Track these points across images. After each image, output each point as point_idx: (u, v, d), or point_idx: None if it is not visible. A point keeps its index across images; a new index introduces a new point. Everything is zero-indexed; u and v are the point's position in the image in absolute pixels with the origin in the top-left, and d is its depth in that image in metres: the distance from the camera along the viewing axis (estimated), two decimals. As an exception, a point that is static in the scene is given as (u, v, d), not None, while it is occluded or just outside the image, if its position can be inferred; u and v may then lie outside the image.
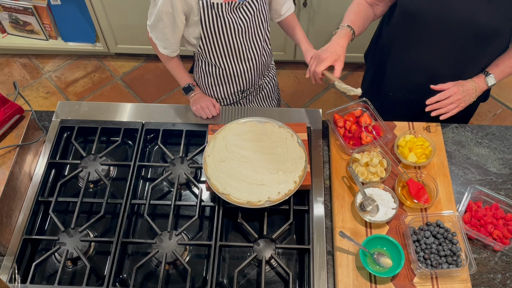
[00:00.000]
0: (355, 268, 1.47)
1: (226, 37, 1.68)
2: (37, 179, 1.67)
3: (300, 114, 1.85)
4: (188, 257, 1.56)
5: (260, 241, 1.53)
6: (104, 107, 1.88)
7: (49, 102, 3.28)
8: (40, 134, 1.76)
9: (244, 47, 1.75)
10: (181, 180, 1.68)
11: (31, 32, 3.37)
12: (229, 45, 1.72)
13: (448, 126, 1.83)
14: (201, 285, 1.51)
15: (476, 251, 1.53)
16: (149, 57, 3.52)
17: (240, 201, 1.51)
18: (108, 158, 1.77)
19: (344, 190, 1.64)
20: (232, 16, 1.63)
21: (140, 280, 1.52)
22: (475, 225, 1.56)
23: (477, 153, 1.76)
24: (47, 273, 1.54)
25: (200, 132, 1.77)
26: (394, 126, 1.80)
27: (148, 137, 1.80)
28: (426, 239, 1.49)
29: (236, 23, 1.65)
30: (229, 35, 1.68)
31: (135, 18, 3.09)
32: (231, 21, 1.63)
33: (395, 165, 1.66)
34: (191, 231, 1.62)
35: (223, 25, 1.63)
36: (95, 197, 1.70)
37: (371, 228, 1.55)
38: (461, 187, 1.67)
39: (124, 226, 1.55)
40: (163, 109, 1.88)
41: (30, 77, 3.43)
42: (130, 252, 1.58)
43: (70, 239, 1.54)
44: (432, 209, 1.59)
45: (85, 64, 3.51)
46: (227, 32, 1.66)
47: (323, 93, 3.31)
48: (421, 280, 1.45)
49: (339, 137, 1.71)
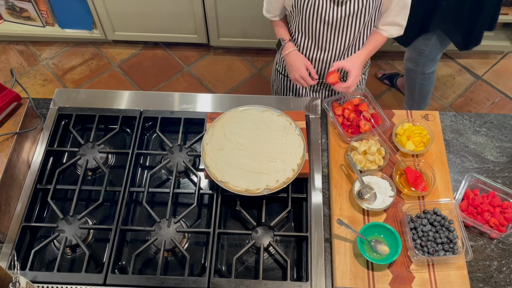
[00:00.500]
0: (353, 255, 1.49)
1: (311, 21, 1.65)
2: (35, 166, 1.67)
3: (299, 102, 1.85)
4: (186, 245, 1.57)
5: (259, 229, 1.54)
6: (102, 95, 1.87)
7: (46, 89, 3.27)
8: (38, 122, 1.76)
9: (329, 37, 1.70)
10: (179, 168, 1.68)
11: (28, 19, 3.35)
12: (313, 29, 1.68)
13: (446, 115, 1.83)
14: (199, 272, 1.52)
15: (472, 239, 1.54)
16: (147, 45, 3.50)
17: (239, 189, 1.52)
18: (106, 146, 1.77)
19: (342, 178, 1.64)
20: (327, 5, 1.58)
21: (139, 267, 1.53)
22: (472, 213, 1.56)
23: (475, 141, 1.76)
24: (46, 260, 1.55)
25: (199, 120, 1.77)
26: (393, 114, 1.80)
27: (146, 124, 1.80)
28: (423, 227, 1.50)
29: (327, 13, 1.60)
30: (315, 20, 1.64)
31: (133, 5, 3.07)
32: (324, 8, 1.59)
33: (393, 153, 1.66)
34: (189, 218, 1.63)
35: (313, 8, 1.60)
36: (93, 184, 1.71)
37: (368, 216, 1.56)
38: (458, 175, 1.68)
39: (123, 214, 1.56)
40: (161, 97, 1.87)
41: (27, 64, 3.41)
42: (129, 239, 1.59)
43: (69, 227, 1.55)
44: (429, 197, 1.60)
45: (82, 51, 3.48)
46: (315, 16, 1.62)
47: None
48: (417, 267, 1.46)
49: (337, 126, 1.71)
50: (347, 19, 1.63)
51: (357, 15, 1.62)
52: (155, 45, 3.50)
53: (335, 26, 1.65)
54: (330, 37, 1.70)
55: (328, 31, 1.68)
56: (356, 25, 1.66)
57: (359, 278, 1.44)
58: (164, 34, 3.30)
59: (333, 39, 1.71)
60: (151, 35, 3.34)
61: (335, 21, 1.63)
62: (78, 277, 1.44)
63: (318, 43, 1.74)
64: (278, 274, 1.52)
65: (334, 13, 1.60)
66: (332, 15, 1.61)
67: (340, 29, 1.66)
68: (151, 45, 3.50)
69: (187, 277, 1.43)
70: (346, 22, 1.64)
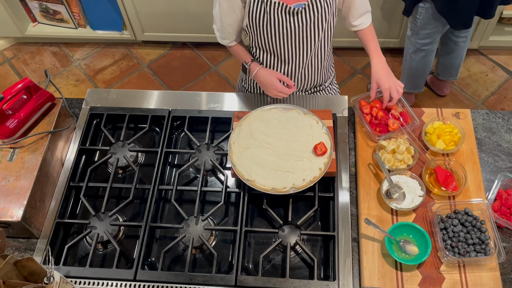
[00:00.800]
0: (381, 255, 1.47)
1: (270, 36, 1.62)
2: (69, 164, 1.72)
3: (326, 100, 1.84)
4: (214, 242, 1.59)
5: (285, 227, 1.54)
6: (132, 95, 1.91)
7: (78, 89, 3.35)
8: (71, 121, 1.81)
9: (289, 49, 1.67)
10: (207, 167, 1.70)
11: (61, 21, 3.44)
12: (272, 44, 1.66)
13: (478, 113, 1.78)
14: (227, 269, 1.53)
15: (505, 240, 1.50)
16: (175, 45, 3.54)
17: (265, 188, 1.52)
18: (136, 145, 1.80)
19: (370, 177, 1.62)
20: (283, 18, 1.56)
21: (168, 263, 1.56)
22: (505, 213, 1.52)
23: (508, 140, 1.71)
24: (79, 255, 1.60)
25: (226, 119, 1.78)
26: (422, 113, 1.77)
27: (175, 124, 1.83)
28: (454, 227, 1.47)
29: (284, 25, 1.58)
30: (273, 35, 1.62)
31: (162, 6, 3.11)
32: (279, 21, 1.56)
33: (422, 152, 1.63)
34: (217, 216, 1.64)
35: (270, 23, 1.57)
36: (124, 182, 1.74)
37: (397, 216, 1.54)
38: (491, 175, 1.63)
39: (152, 211, 1.59)
40: (189, 96, 1.90)
41: (60, 65, 3.50)
42: (158, 236, 1.62)
43: (101, 223, 1.59)
44: (460, 197, 1.56)
45: (113, 52, 3.56)
46: (272, 31, 1.60)
47: (349, 79, 3.27)
48: (448, 268, 1.44)
49: (365, 124, 1.69)
50: (304, 28, 1.59)
51: (314, 24, 1.59)
52: (183, 45, 3.54)
53: (294, 37, 1.62)
54: (291, 48, 1.67)
55: (288, 43, 1.64)
56: (315, 34, 1.63)
57: (387, 278, 1.43)
58: (191, 34, 3.33)
59: (294, 50, 1.67)
60: (179, 35, 3.38)
61: (292, 32, 1.59)
62: (109, 273, 1.47)
63: (280, 57, 1.71)
64: (305, 273, 1.52)
65: (289, 24, 1.57)
66: (288, 26, 1.57)
67: (299, 39, 1.63)
68: (179, 45, 3.54)
69: (215, 274, 1.45)
70: (304, 32, 1.61)
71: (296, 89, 1.86)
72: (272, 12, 1.53)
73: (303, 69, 1.77)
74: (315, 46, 1.68)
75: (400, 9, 2.92)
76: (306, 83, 1.84)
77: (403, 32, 3.10)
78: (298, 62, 1.73)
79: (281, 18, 1.55)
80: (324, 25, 1.62)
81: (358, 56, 3.34)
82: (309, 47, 1.67)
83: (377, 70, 1.69)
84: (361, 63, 3.33)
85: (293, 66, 1.75)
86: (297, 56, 1.70)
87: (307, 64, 1.75)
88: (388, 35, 3.14)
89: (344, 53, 3.36)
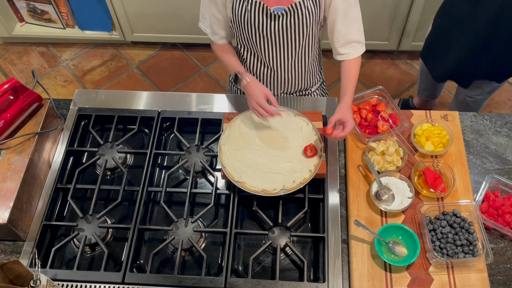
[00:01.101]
0: (370, 256, 1.47)
1: (251, 35, 1.61)
2: (56, 166, 1.70)
3: (316, 102, 1.84)
4: (203, 244, 1.58)
5: (275, 229, 1.54)
6: (121, 95, 1.90)
7: (66, 90, 3.32)
8: (58, 122, 1.79)
9: (271, 52, 1.67)
10: (196, 168, 1.69)
11: (49, 21, 3.40)
12: (254, 43, 1.65)
13: (466, 115, 1.80)
14: (216, 271, 1.53)
15: (493, 241, 1.52)
16: (165, 46, 3.53)
17: (255, 189, 1.52)
18: (125, 146, 1.79)
19: (359, 179, 1.63)
20: (263, 19, 1.55)
21: (157, 266, 1.55)
22: (493, 215, 1.54)
23: (496, 142, 1.73)
24: (66, 258, 1.58)
25: (216, 120, 1.78)
26: (411, 115, 1.78)
27: (164, 125, 1.82)
28: (442, 229, 1.48)
29: (264, 27, 1.57)
30: (254, 34, 1.61)
31: (151, 6, 3.10)
32: (260, 22, 1.55)
33: (411, 154, 1.64)
34: (206, 218, 1.64)
35: (250, 22, 1.56)
36: (112, 184, 1.73)
37: (386, 217, 1.55)
38: (478, 177, 1.65)
39: (141, 213, 1.57)
40: (179, 97, 1.89)
41: (48, 66, 3.47)
42: (146, 238, 1.61)
43: (88, 225, 1.57)
44: (448, 198, 1.57)
45: (101, 53, 3.53)
46: (253, 30, 1.59)
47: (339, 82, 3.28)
48: (436, 269, 1.44)
49: (355, 126, 1.70)
50: (286, 33, 1.58)
51: (296, 29, 1.58)
52: (172, 46, 3.53)
53: (275, 40, 1.61)
54: (272, 51, 1.66)
55: (268, 45, 1.64)
56: (297, 39, 1.61)
57: (376, 279, 1.43)
58: (181, 35, 3.32)
59: (274, 53, 1.67)
60: (169, 36, 3.36)
61: (274, 35, 1.59)
62: (97, 276, 1.46)
63: (262, 58, 1.70)
64: (295, 274, 1.52)
65: (270, 27, 1.56)
66: (269, 29, 1.56)
67: (280, 43, 1.62)
68: (169, 46, 3.53)
69: (204, 277, 1.44)
70: (286, 36, 1.60)
71: (280, 91, 1.86)
72: (253, 11, 1.53)
73: (285, 73, 1.76)
74: (296, 51, 1.67)
75: (389, 11, 2.94)
76: (290, 86, 1.84)
77: (392, 35, 3.12)
78: (279, 65, 1.72)
79: (262, 19, 1.55)
80: (306, 31, 1.60)
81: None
82: (290, 52, 1.67)
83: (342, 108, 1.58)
84: (351, 65, 3.34)
85: (274, 69, 1.74)
86: (278, 59, 1.70)
87: (290, 69, 1.74)
88: (377, 37, 3.16)
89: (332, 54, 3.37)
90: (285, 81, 1.80)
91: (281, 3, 1.53)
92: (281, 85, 1.82)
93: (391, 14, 2.98)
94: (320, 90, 1.98)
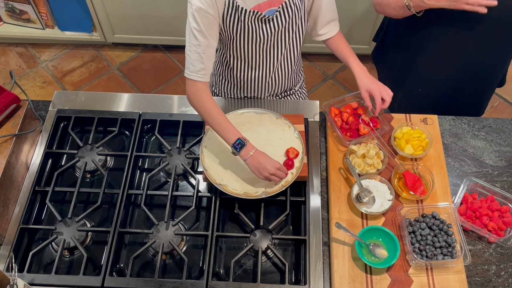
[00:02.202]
0: (351, 259, 1.48)
1: (242, 43, 1.61)
2: (34, 168, 1.67)
3: (298, 105, 1.85)
4: (185, 247, 1.57)
5: (257, 232, 1.54)
6: (101, 97, 1.87)
7: (45, 91, 3.27)
8: (37, 124, 1.76)
9: (260, 56, 1.67)
10: (178, 171, 1.68)
11: (28, 21, 3.35)
12: (244, 51, 1.64)
13: (445, 118, 1.83)
14: (197, 275, 1.52)
15: (471, 243, 1.54)
16: (147, 47, 3.50)
17: (237, 192, 1.52)
18: (105, 148, 1.77)
19: (340, 182, 1.64)
20: (255, 25, 1.54)
21: (137, 269, 1.53)
22: (471, 217, 1.56)
23: (474, 146, 1.76)
24: (44, 262, 1.55)
25: (197, 122, 1.77)
26: (391, 118, 1.80)
27: (145, 127, 1.80)
28: (422, 231, 1.50)
29: (256, 33, 1.56)
30: (245, 42, 1.60)
31: (132, 8, 3.07)
32: (252, 29, 1.55)
33: (391, 157, 1.66)
34: (188, 221, 1.63)
35: (243, 30, 1.55)
36: (92, 187, 1.70)
37: (367, 220, 1.56)
38: (457, 179, 1.68)
39: (121, 216, 1.56)
40: (160, 100, 1.87)
41: (27, 66, 3.41)
42: (127, 242, 1.59)
43: (67, 229, 1.54)
44: (428, 200, 1.60)
45: (82, 54, 3.49)
46: (245, 38, 1.58)
47: (321, 85, 3.30)
48: (416, 271, 1.46)
49: (336, 129, 1.71)
50: (276, 34, 1.60)
51: (284, 29, 1.60)
52: (154, 48, 3.51)
53: (265, 43, 1.62)
54: (262, 55, 1.67)
55: (259, 50, 1.64)
56: (285, 39, 1.64)
57: (357, 282, 1.44)
58: (163, 37, 3.30)
59: (264, 56, 1.68)
60: (150, 38, 3.34)
61: (264, 39, 1.60)
62: (76, 280, 1.43)
63: (250, 63, 1.71)
64: (276, 277, 1.52)
65: (261, 31, 1.57)
66: (260, 33, 1.57)
67: (270, 45, 1.64)
68: (151, 48, 3.50)
69: (185, 280, 1.43)
70: (275, 38, 1.61)
71: (267, 93, 1.86)
72: (246, 20, 1.52)
73: (273, 74, 1.77)
74: (284, 51, 1.69)
75: (369, 16, 2.98)
76: (276, 87, 1.84)
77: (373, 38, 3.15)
78: (268, 67, 1.73)
79: (254, 26, 1.55)
80: (294, 29, 1.63)
81: (329, 61, 3.38)
82: (279, 52, 1.68)
83: (362, 79, 1.66)
84: (332, 68, 3.37)
85: (262, 72, 1.74)
86: (267, 62, 1.70)
87: (276, 69, 1.75)
88: (358, 42, 3.19)
89: (315, 58, 3.40)
90: (272, 82, 1.81)
91: (272, 5, 1.53)
92: (268, 87, 1.83)
93: (371, 19, 3.01)
94: (302, 89, 2.00)
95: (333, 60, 3.34)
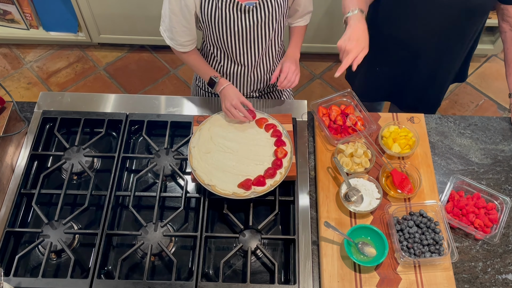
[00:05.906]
0: (340, 257, 1.49)
1: (221, 33, 1.61)
2: (19, 171, 1.65)
3: (286, 105, 1.85)
4: (173, 249, 1.56)
5: (246, 232, 1.54)
6: (87, 98, 1.85)
7: (30, 93, 3.23)
8: (22, 126, 1.74)
9: (239, 48, 1.67)
10: (166, 172, 1.67)
11: (12, 21, 3.30)
12: (224, 42, 1.64)
13: (431, 117, 1.85)
14: (186, 276, 1.51)
15: (458, 240, 1.56)
16: (133, 47, 3.48)
17: (226, 192, 1.51)
18: (92, 150, 1.75)
19: (329, 181, 1.65)
20: (234, 15, 1.54)
21: (126, 272, 1.52)
22: (457, 214, 1.58)
23: (460, 144, 1.78)
24: (31, 265, 1.53)
25: (185, 123, 1.76)
26: (379, 117, 1.81)
27: (133, 128, 1.79)
28: (410, 229, 1.51)
29: (235, 23, 1.56)
30: (224, 32, 1.60)
31: (118, 8, 3.05)
32: (230, 18, 1.55)
33: (379, 155, 1.67)
34: (176, 222, 1.62)
35: (221, 19, 1.55)
36: (79, 189, 1.69)
37: (355, 218, 1.57)
38: (443, 177, 1.69)
39: (109, 218, 1.54)
40: (148, 100, 1.86)
41: (11, 67, 3.36)
42: (115, 244, 1.57)
43: (54, 232, 1.53)
44: (415, 199, 1.61)
45: (67, 54, 3.45)
46: (223, 28, 1.58)
47: (308, 84, 3.31)
48: (404, 268, 1.47)
49: (324, 128, 1.72)
50: (256, 28, 1.60)
51: (265, 23, 1.60)
52: (141, 48, 3.48)
53: (245, 36, 1.62)
54: (242, 48, 1.67)
55: (238, 42, 1.65)
56: (265, 33, 1.64)
57: (346, 280, 1.45)
58: (150, 37, 3.28)
59: (244, 49, 1.68)
60: (137, 38, 3.32)
61: (243, 30, 1.60)
62: (63, 283, 1.42)
63: (231, 56, 1.71)
64: (266, 277, 1.52)
65: (240, 22, 1.57)
66: (239, 24, 1.57)
67: (250, 39, 1.64)
68: (137, 48, 3.48)
69: (174, 281, 1.42)
70: (256, 31, 1.62)
71: (250, 90, 1.87)
72: (224, 8, 1.53)
73: (254, 69, 1.78)
74: (265, 45, 1.69)
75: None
76: (259, 83, 1.85)
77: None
78: (249, 61, 1.73)
79: (232, 15, 1.55)
80: (274, 25, 1.63)
81: (317, 61, 3.39)
82: (259, 46, 1.68)
83: (288, 56, 1.74)
84: (320, 68, 3.38)
85: (244, 66, 1.75)
86: (247, 56, 1.71)
87: (258, 64, 1.76)
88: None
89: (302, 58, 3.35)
90: (255, 77, 1.81)
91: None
92: (252, 83, 1.83)
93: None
94: None
95: (320, 59, 3.35)
